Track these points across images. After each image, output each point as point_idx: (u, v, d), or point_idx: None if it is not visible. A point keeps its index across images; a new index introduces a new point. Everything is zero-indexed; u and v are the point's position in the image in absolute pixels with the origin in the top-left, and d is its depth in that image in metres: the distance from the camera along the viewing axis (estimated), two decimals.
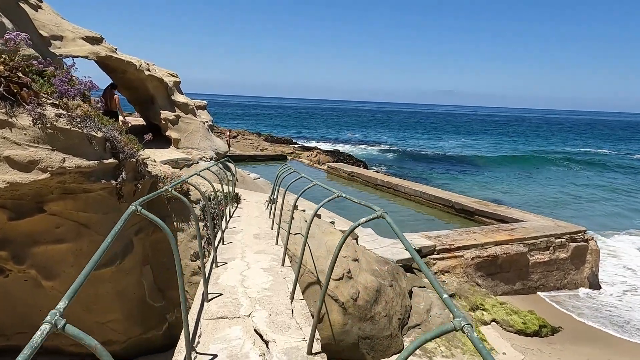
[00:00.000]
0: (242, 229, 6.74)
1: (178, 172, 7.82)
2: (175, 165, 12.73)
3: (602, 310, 12.99)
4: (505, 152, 54.65)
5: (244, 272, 4.97)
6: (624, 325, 12.13)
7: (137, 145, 7.40)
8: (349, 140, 65.12)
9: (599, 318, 12.54)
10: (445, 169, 39.42)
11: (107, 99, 13.49)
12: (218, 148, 14.68)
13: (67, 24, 12.31)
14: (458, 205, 18.55)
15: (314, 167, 30.27)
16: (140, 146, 7.57)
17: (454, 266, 12.55)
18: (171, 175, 7.62)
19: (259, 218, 7.45)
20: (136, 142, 8.81)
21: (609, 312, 12.88)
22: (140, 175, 6.98)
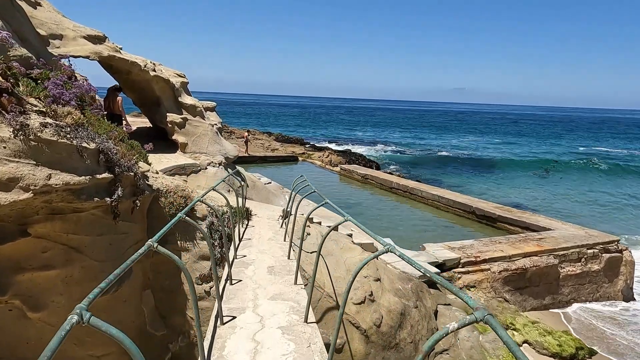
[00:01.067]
0: (253, 259, 5.91)
1: (182, 186, 7.04)
2: (182, 172, 11.99)
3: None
4: (520, 152, 53.42)
5: (256, 335, 3.97)
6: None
7: (136, 156, 6.63)
8: (359, 139, 64.17)
9: (637, 333, 11.60)
10: (459, 170, 38.37)
11: (109, 102, 12.80)
12: (228, 152, 13.91)
13: (68, 22, 11.60)
14: (479, 210, 17.61)
15: (326, 168, 29.44)
16: (139, 157, 6.80)
17: (480, 280, 11.65)
18: (174, 188, 6.84)
19: (273, 241, 6.53)
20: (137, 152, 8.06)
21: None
22: (139, 190, 6.21)
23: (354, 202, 20.07)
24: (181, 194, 6.77)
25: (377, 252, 3.36)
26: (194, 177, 12.25)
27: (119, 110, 13.02)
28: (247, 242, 6.47)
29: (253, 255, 5.91)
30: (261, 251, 5.96)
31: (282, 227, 7.11)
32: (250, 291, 4.74)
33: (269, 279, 4.99)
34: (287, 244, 6.26)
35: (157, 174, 7.17)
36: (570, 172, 37.28)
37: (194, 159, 12.84)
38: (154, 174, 7.07)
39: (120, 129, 9.01)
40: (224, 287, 4.87)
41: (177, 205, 6.70)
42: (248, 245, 6.34)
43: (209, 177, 12.51)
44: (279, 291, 4.84)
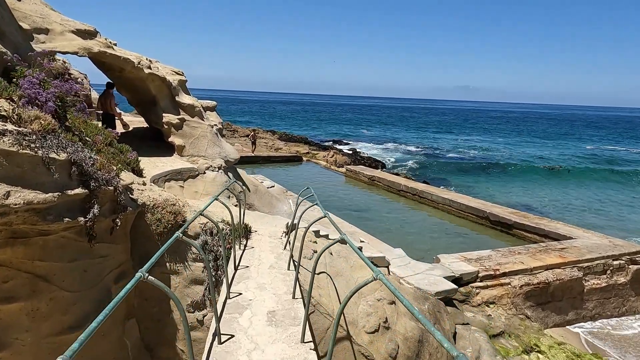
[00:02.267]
0: (250, 300, 4.91)
1: (171, 199, 6.17)
2: (178, 177, 11.14)
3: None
4: (530, 152, 52.44)
5: None
6: None
7: (118, 166, 5.77)
8: (364, 138, 63.23)
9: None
10: (466, 170, 37.40)
11: (104, 100, 11.99)
12: (228, 155, 13.04)
13: (56, 15, 10.76)
14: (493, 216, 16.69)
15: (331, 169, 28.56)
16: (123, 167, 5.93)
17: (500, 296, 10.76)
18: (163, 203, 5.98)
19: (275, 270, 5.51)
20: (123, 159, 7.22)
21: None
22: (120, 206, 5.35)
23: (361, 205, 19.19)
24: (170, 209, 5.91)
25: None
26: (191, 182, 11.40)
27: (113, 110, 12.22)
28: (244, 272, 5.47)
29: (250, 292, 4.88)
30: (260, 286, 5.01)
31: (285, 249, 6.23)
32: (244, 356, 3.74)
33: (268, 333, 3.96)
34: (292, 274, 5.34)
35: (144, 186, 6.31)
36: (582, 175, 36.21)
37: (191, 163, 11.99)
38: (140, 185, 6.21)
39: (109, 131, 8.18)
40: (210, 346, 3.95)
41: (166, 223, 5.85)
42: (245, 276, 5.34)
43: (207, 183, 11.67)
44: (281, 354, 3.85)
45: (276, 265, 5.39)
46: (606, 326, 11.91)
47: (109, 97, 11.94)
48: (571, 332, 11.39)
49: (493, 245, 14.71)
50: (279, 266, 5.51)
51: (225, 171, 12.63)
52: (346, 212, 17.51)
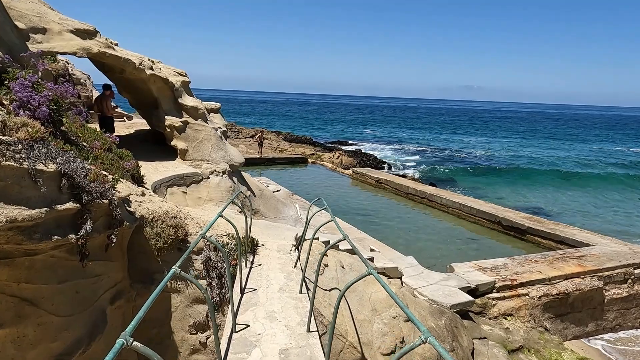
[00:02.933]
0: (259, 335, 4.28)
1: (172, 211, 5.71)
2: (181, 182, 10.71)
3: None
4: (538, 154, 51.81)
5: None
6: None
7: (113, 177, 5.32)
8: (369, 138, 62.72)
9: None
10: (475, 172, 36.81)
11: (100, 103, 11.56)
12: (232, 159, 12.59)
13: (54, 14, 10.34)
14: (506, 221, 16.17)
15: (337, 171, 28.06)
16: (120, 176, 5.48)
17: (517, 307, 10.26)
18: (163, 216, 5.53)
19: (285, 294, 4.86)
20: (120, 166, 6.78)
21: None
22: (115, 221, 4.89)
23: (368, 209, 18.69)
24: (171, 222, 5.46)
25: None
26: (194, 188, 10.96)
27: (110, 112, 11.80)
28: (251, 297, 4.88)
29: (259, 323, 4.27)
30: (270, 315, 4.45)
31: (296, 267, 5.75)
32: None
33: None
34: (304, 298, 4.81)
35: (143, 196, 5.86)
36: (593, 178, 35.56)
37: (194, 168, 11.55)
38: (139, 196, 5.76)
39: (107, 136, 7.74)
40: None
41: (166, 237, 5.39)
42: (253, 302, 4.80)
43: (211, 188, 11.23)
44: None
45: (286, 287, 4.91)
46: (627, 338, 11.39)
47: (105, 100, 11.52)
48: (591, 344, 10.88)
49: (507, 252, 14.21)
50: (290, 288, 5.00)
51: (230, 176, 12.19)
52: (353, 217, 17.02)
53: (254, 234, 6.72)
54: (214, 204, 10.85)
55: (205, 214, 6.81)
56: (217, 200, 11.09)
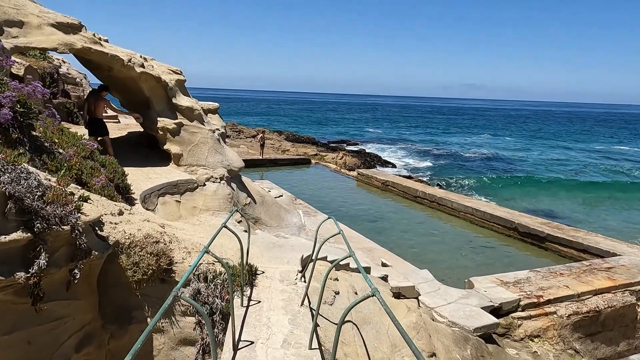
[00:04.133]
0: None
1: (154, 235, 4.76)
2: (174, 190, 9.77)
3: None
4: (549, 155, 50.83)
5: None
6: None
7: (81, 194, 4.39)
8: (373, 138, 61.71)
9: None
10: (482, 173, 35.81)
11: (90, 104, 10.53)
12: (231, 164, 11.65)
13: (34, 6, 9.41)
14: (522, 227, 15.19)
15: (341, 173, 27.10)
16: (84, 196, 4.55)
17: (545, 328, 9.29)
18: (143, 240, 4.59)
19: (291, 348, 3.85)
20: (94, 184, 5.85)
21: None
22: (80, 251, 3.96)
23: (375, 214, 17.74)
24: (152, 249, 4.52)
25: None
26: (189, 196, 10.03)
27: (101, 114, 10.81)
28: (246, 355, 3.82)
29: None
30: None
31: (303, 305, 4.77)
32: None
33: None
34: (315, 355, 3.75)
35: (120, 216, 4.91)
36: None
37: (189, 174, 10.62)
38: (114, 216, 4.81)
39: (84, 144, 6.81)
40: None
41: (146, 267, 4.46)
42: (249, 356, 3.79)
43: (207, 196, 10.29)
44: None
45: (292, 338, 3.92)
46: None
47: (98, 101, 10.49)
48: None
49: (526, 262, 13.25)
50: (297, 340, 3.90)
51: (228, 182, 11.26)
52: (360, 223, 16.08)
53: (252, 256, 5.78)
54: (210, 214, 9.93)
55: (197, 233, 5.87)
56: (214, 209, 10.16)
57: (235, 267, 4.84)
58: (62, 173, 5.89)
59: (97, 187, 6.39)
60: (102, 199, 5.08)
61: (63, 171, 5.94)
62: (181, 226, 6.27)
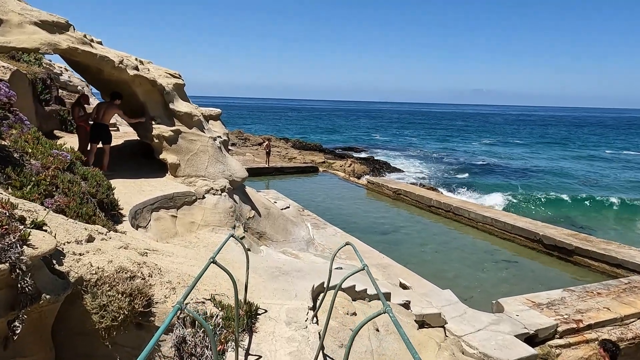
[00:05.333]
0: None
1: (130, 267, 3.81)
2: (169, 204, 8.85)
3: None
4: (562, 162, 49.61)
5: None
6: None
7: (32, 222, 3.46)
8: (381, 144, 60.69)
9: None
10: (496, 180, 34.67)
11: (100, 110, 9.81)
12: (233, 174, 10.74)
13: (15, 3, 8.59)
14: (548, 239, 14.11)
15: (351, 181, 26.11)
16: (40, 222, 3.62)
17: (587, 358, 8.22)
18: (113, 276, 3.64)
19: None
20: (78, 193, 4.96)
21: None
22: (25, 296, 3.02)
23: (387, 226, 16.71)
24: (124, 287, 3.57)
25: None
26: (186, 210, 9.11)
27: (108, 121, 10.04)
28: None
29: None
30: None
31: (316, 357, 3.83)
32: None
33: None
34: None
35: (89, 243, 3.97)
36: None
37: (187, 185, 9.71)
38: (80, 244, 3.87)
39: (56, 154, 5.90)
40: None
41: (116, 311, 3.51)
42: None
43: (207, 210, 9.36)
44: None
45: None
46: None
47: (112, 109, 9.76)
48: None
49: (553, 278, 12.19)
50: None
51: (230, 194, 10.33)
52: (372, 236, 15.09)
53: (253, 288, 4.82)
54: (209, 230, 8.99)
55: (188, 260, 4.91)
56: (214, 224, 9.23)
57: (229, 306, 3.88)
58: (28, 189, 5.00)
59: (74, 205, 5.49)
60: (68, 221, 4.14)
61: (30, 187, 5.04)
62: (169, 250, 5.32)
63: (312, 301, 4.79)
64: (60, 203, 4.27)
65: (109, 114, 9.80)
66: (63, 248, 3.69)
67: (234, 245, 8.32)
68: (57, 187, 5.73)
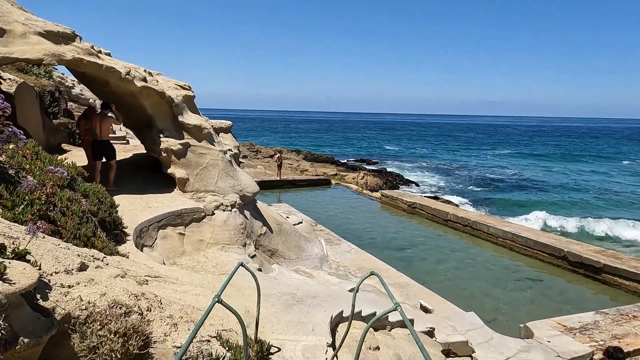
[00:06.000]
0: None
1: (127, 299, 3.36)
2: (177, 221, 8.43)
3: None
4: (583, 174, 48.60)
5: None
6: None
7: (12, 251, 3.02)
8: (393, 156, 60.13)
9: None
10: (511, 193, 33.87)
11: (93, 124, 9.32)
12: (244, 189, 10.30)
13: (20, 13, 8.33)
14: (573, 256, 13.42)
15: (364, 194, 25.58)
16: (21, 252, 3.18)
17: None
18: (106, 313, 3.18)
19: None
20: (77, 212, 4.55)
21: None
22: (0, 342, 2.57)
23: (403, 242, 16.12)
24: (118, 325, 3.10)
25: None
26: (195, 227, 8.67)
27: (107, 136, 9.62)
28: None
29: None
30: None
31: None
32: None
33: None
34: None
35: (81, 272, 3.52)
36: None
37: (196, 201, 9.28)
38: (70, 274, 3.42)
39: (50, 170, 5.49)
40: None
41: (107, 354, 3.03)
42: None
43: (216, 227, 8.92)
44: None
45: None
46: None
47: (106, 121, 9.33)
48: None
49: (582, 299, 11.53)
50: None
51: (241, 209, 9.88)
52: (389, 252, 14.53)
53: (265, 318, 4.32)
54: (219, 248, 8.54)
55: (193, 287, 4.42)
56: (224, 242, 8.77)
57: (238, 347, 3.39)
58: (20, 209, 4.59)
59: (71, 226, 5.08)
60: (60, 247, 3.70)
61: (22, 207, 4.64)
62: (174, 275, 4.85)
63: (330, 335, 4.27)
64: (46, 229, 3.82)
65: (106, 128, 9.36)
66: (50, 279, 3.24)
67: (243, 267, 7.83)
68: (55, 205, 5.34)
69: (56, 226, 4.85)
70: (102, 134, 9.33)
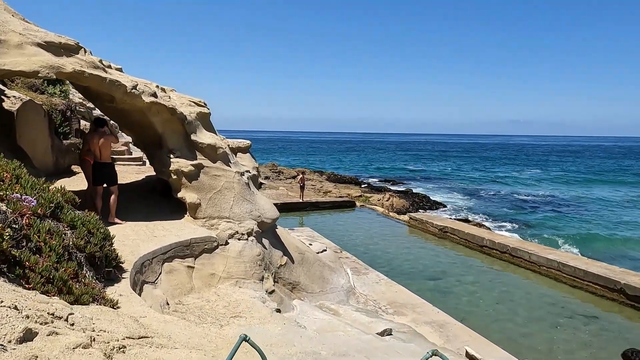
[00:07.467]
0: None
1: None
2: (186, 253, 7.44)
3: None
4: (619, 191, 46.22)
5: None
6: None
7: None
8: (418, 177, 58.55)
9: None
10: (545, 215, 32.00)
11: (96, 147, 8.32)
12: (263, 214, 9.31)
13: (18, 23, 7.63)
14: (631, 289, 11.91)
15: (391, 216, 24.31)
16: None
17: None
18: None
19: None
20: (56, 250, 3.59)
21: None
22: None
23: (435, 270, 14.81)
24: None
25: None
26: (205, 259, 7.67)
27: (109, 157, 8.69)
28: None
29: None
30: None
31: None
32: None
33: None
34: None
35: (24, 344, 2.52)
36: None
37: (208, 228, 8.31)
38: (11, 346, 2.41)
39: (14, 199, 4.56)
40: None
41: None
42: None
43: (230, 259, 7.90)
44: None
45: None
46: None
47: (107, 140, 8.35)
48: None
49: None
50: None
51: (259, 237, 8.86)
52: (421, 282, 13.26)
53: None
54: (232, 284, 7.50)
55: (185, 355, 3.37)
56: (239, 276, 7.73)
57: None
58: None
59: (43, 268, 4.11)
60: (3, 306, 2.72)
61: None
62: (166, 330, 3.82)
63: None
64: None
65: (106, 148, 8.30)
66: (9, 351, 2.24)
67: (261, 305, 6.78)
68: (30, 240, 4.41)
69: (22, 268, 3.90)
70: (103, 155, 8.33)
